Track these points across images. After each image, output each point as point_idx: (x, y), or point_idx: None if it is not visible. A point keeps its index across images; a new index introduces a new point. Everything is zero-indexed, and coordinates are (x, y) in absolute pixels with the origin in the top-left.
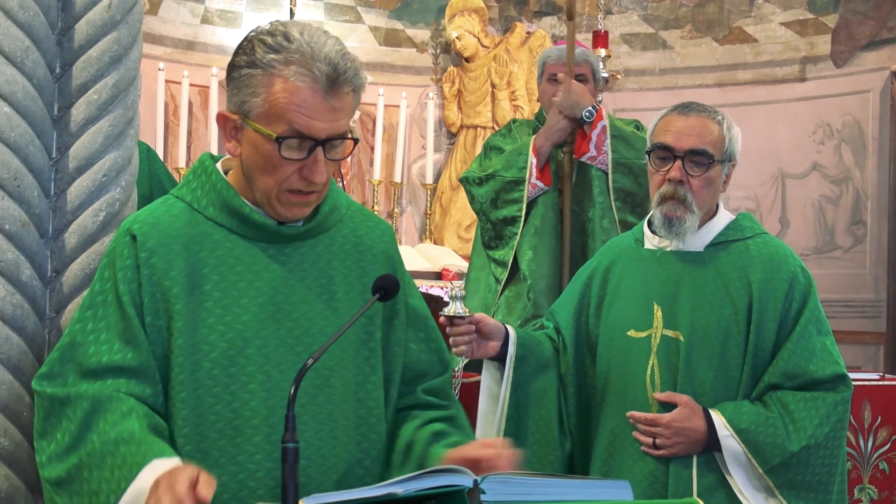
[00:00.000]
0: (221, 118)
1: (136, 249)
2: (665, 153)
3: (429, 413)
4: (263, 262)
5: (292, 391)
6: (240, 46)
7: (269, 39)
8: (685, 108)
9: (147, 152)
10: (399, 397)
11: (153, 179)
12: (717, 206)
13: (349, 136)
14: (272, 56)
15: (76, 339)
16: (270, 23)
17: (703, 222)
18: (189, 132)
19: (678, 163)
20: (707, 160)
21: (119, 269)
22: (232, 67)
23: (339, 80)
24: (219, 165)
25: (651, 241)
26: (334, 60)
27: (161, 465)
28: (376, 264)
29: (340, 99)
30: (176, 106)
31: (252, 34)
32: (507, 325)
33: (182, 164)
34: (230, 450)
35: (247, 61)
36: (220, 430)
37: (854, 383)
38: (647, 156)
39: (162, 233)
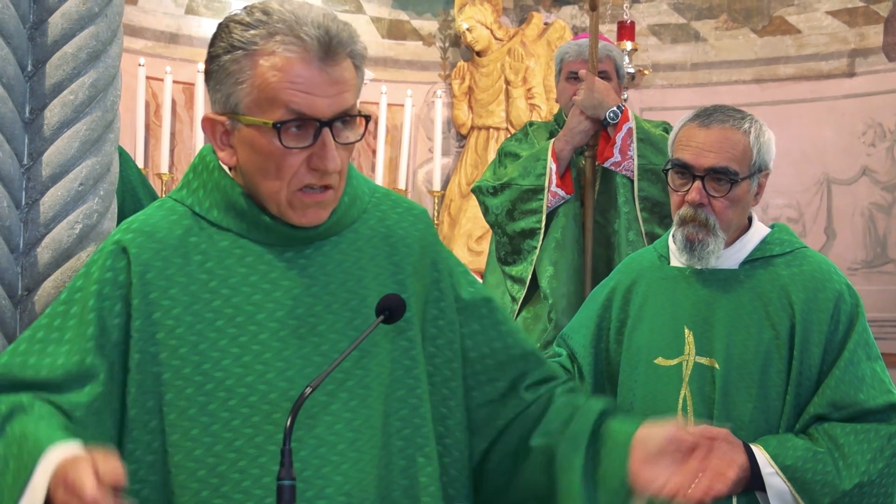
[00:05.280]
0: (208, 123)
1: (126, 262)
2: (684, 171)
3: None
4: (280, 268)
5: (288, 423)
6: (214, 35)
7: (246, 18)
8: (706, 118)
9: (120, 155)
10: (495, 406)
11: (125, 186)
12: (751, 219)
13: (358, 113)
14: (252, 32)
15: (19, 347)
16: (244, 7)
17: (735, 237)
18: (172, 134)
19: (697, 183)
20: (730, 179)
21: (96, 282)
22: (210, 60)
23: (332, 43)
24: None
25: (678, 259)
26: (324, 24)
27: (53, 459)
28: (411, 257)
29: (338, 67)
30: (158, 105)
31: (226, 20)
32: None
33: (165, 169)
34: (257, 492)
35: (224, 47)
36: (242, 470)
37: None
38: (664, 173)
39: (159, 243)
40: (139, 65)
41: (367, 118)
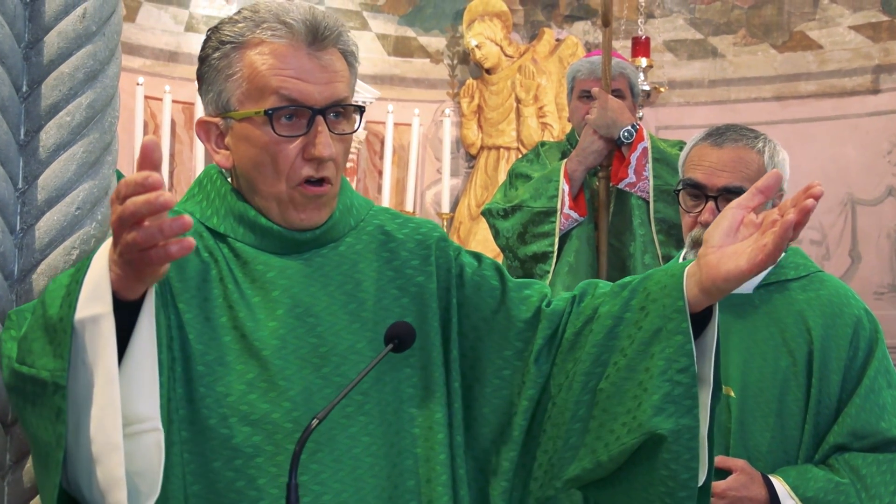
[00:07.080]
0: (202, 127)
1: None
2: (696, 191)
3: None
4: (279, 267)
5: (296, 450)
6: (205, 40)
7: (234, 17)
8: (719, 137)
9: (118, 179)
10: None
11: None
12: None
13: (352, 103)
14: (240, 26)
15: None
16: None
17: None
18: (171, 155)
19: (711, 204)
20: None
21: None
22: (201, 63)
23: (319, 27)
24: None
25: None
26: (310, 11)
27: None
28: (413, 261)
29: (327, 53)
30: (156, 125)
31: (214, 26)
32: None
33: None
34: (250, 493)
35: (213, 46)
36: (238, 490)
37: None
38: (676, 193)
39: None
40: (137, 84)
41: (362, 109)
